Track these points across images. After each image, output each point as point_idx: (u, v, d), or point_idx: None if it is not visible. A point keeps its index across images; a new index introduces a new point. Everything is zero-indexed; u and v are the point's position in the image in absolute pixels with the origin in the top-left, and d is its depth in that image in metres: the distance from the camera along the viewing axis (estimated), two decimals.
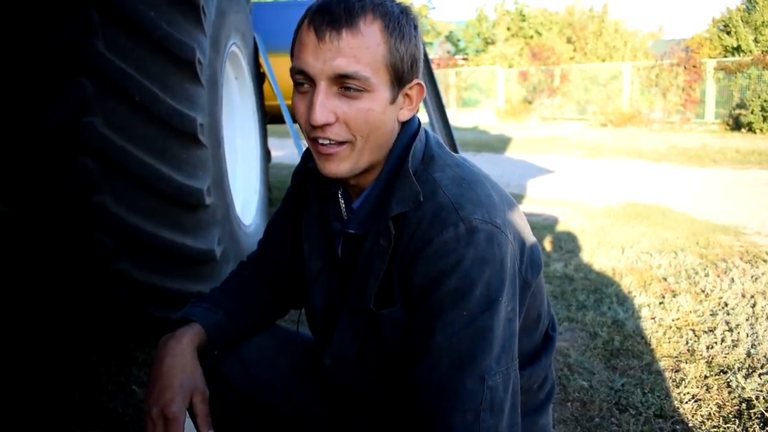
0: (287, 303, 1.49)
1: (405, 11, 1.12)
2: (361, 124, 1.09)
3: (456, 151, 1.24)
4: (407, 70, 1.12)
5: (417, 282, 1.11)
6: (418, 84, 1.16)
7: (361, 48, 1.05)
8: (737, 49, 17.29)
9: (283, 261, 1.43)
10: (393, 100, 1.12)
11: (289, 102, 3.81)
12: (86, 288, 2.41)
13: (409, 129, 1.20)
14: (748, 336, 2.79)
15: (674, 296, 3.36)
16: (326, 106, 1.07)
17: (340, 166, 1.12)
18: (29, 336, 2.93)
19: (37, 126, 2.16)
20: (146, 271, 2.34)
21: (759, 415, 2.15)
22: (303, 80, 1.09)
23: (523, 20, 26.47)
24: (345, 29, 1.05)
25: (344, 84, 1.07)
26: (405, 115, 1.17)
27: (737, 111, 14.55)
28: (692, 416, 2.18)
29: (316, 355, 1.36)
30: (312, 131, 1.10)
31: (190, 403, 1.20)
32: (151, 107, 2.20)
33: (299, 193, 1.38)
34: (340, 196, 1.26)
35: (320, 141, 1.10)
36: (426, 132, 1.23)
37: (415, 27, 1.13)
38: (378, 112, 1.09)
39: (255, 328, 1.42)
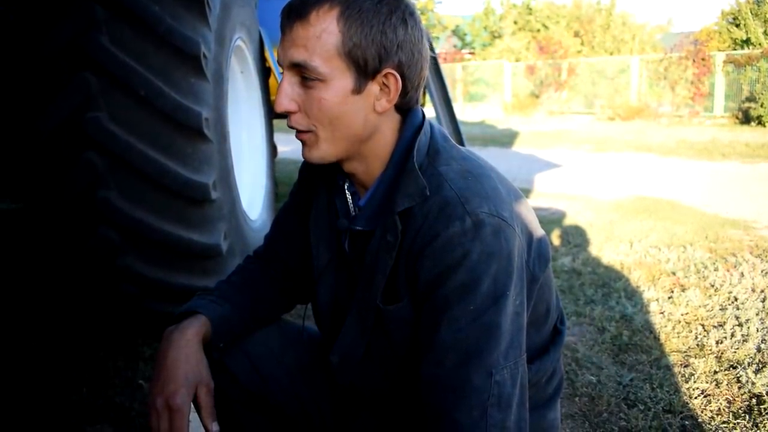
0: (293, 298, 1.48)
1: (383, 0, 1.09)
2: (316, 113, 1.11)
3: (463, 146, 1.22)
4: (372, 58, 1.09)
5: (423, 277, 1.09)
6: (390, 73, 1.11)
7: (310, 38, 1.07)
8: (747, 42, 17.16)
9: (290, 255, 1.42)
10: (357, 90, 1.10)
11: None
12: (92, 283, 2.41)
13: (413, 123, 1.19)
14: (758, 331, 2.77)
15: (683, 291, 3.33)
16: (288, 94, 1.11)
17: (311, 152, 1.15)
18: (36, 331, 2.93)
19: (42, 122, 2.17)
20: (152, 266, 2.34)
21: None
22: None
23: (530, 14, 26.35)
24: (296, 21, 1.08)
25: (301, 74, 1.10)
26: (383, 107, 1.13)
27: (747, 104, 14.43)
28: (701, 411, 2.16)
29: (322, 351, 1.35)
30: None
31: (194, 396, 1.19)
32: (156, 102, 2.20)
33: (306, 188, 1.38)
34: (346, 189, 1.25)
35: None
36: (431, 125, 1.21)
37: (391, 13, 1.09)
38: (333, 102, 1.10)
39: (261, 322, 1.41)
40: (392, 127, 1.18)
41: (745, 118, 14.22)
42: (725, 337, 2.73)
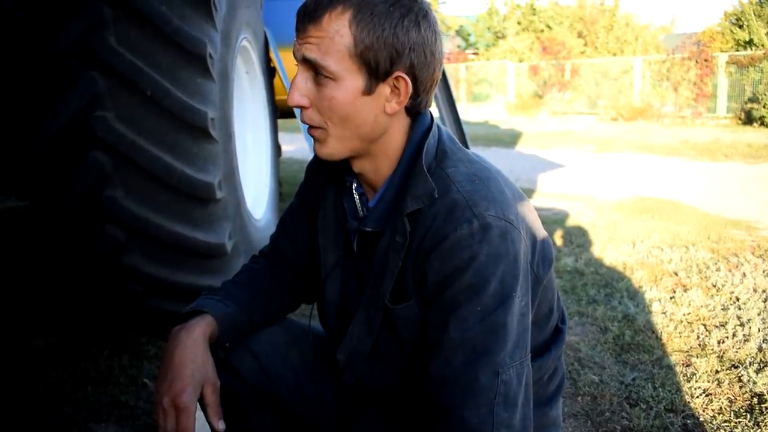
0: (299, 297, 1.49)
1: (397, 2, 1.09)
2: (326, 110, 1.13)
3: (466, 146, 1.24)
4: (383, 60, 1.10)
5: (431, 278, 1.11)
6: (401, 77, 1.12)
7: (323, 39, 1.09)
8: (749, 43, 17.11)
9: (296, 255, 1.43)
10: (368, 91, 1.11)
11: None
12: (98, 281, 2.42)
13: (421, 125, 1.20)
14: (759, 331, 2.78)
15: (685, 291, 3.34)
16: (300, 89, 1.13)
17: (321, 148, 1.17)
18: (41, 329, 2.95)
19: (49, 120, 2.18)
20: (157, 264, 2.36)
21: None
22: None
23: (534, 14, 26.32)
24: (310, 22, 1.10)
25: (314, 70, 1.12)
26: (393, 108, 1.15)
27: (749, 105, 14.42)
28: (703, 411, 2.17)
29: (328, 350, 1.36)
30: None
31: (201, 394, 1.20)
32: (162, 101, 2.21)
33: (313, 188, 1.39)
34: (354, 190, 1.26)
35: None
36: (439, 128, 1.23)
37: (403, 15, 1.09)
38: (343, 101, 1.11)
39: (267, 321, 1.42)
40: (402, 128, 1.19)
41: (748, 119, 14.20)
42: (727, 337, 2.74)
